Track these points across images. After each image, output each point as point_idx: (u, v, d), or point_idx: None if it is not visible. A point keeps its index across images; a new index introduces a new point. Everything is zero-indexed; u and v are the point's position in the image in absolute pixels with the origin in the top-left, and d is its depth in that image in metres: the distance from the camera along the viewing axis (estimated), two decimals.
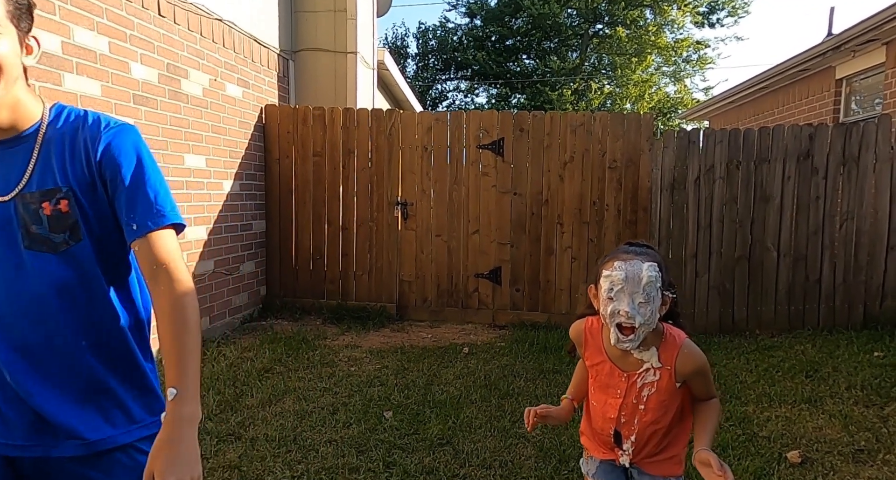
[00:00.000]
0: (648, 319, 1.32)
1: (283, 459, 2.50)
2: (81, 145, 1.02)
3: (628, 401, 1.44)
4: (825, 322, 4.73)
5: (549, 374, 3.71)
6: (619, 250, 1.40)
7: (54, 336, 1.00)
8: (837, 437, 2.81)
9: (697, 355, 1.42)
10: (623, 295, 1.32)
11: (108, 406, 1.05)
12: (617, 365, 1.45)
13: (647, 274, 1.31)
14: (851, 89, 6.40)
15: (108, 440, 1.04)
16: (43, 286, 0.99)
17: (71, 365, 1.02)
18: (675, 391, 1.42)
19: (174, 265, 1.02)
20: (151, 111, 3.71)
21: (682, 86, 21.03)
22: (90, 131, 1.03)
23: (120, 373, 1.06)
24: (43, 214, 0.98)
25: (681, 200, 4.76)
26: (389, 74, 8.12)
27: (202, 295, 4.36)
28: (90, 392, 1.03)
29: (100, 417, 1.04)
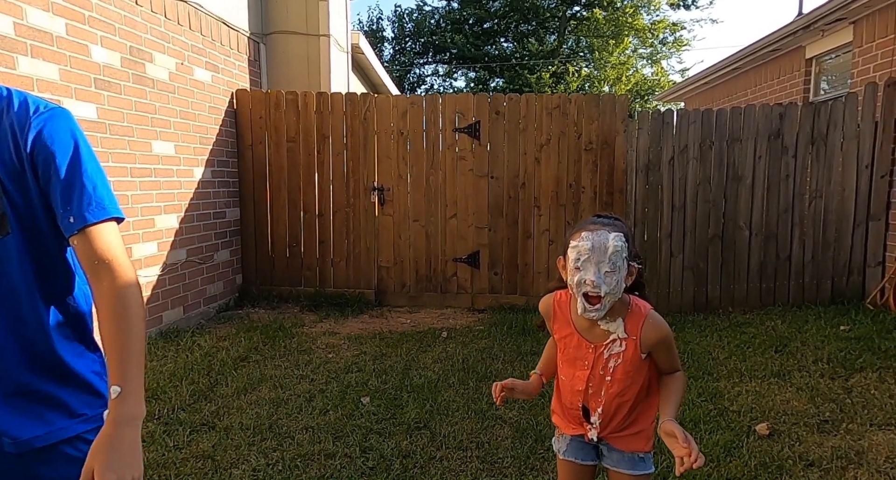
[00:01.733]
0: (614, 288, 1.35)
1: (258, 447, 2.48)
2: (8, 131, 0.94)
3: (595, 373, 1.46)
4: (795, 298, 4.84)
5: (528, 356, 3.74)
6: (587, 221, 1.42)
7: None
8: (804, 409, 2.90)
9: (662, 325, 1.44)
10: (590, 264, 1.34)
11: (39, 404, 1.00)
12: (584, 337, 1.47)
13: (614, 243, 1.33)
14: (821, 69, 6.48)
15: (43, 437, 0.99)
16: None
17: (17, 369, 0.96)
18: (640, 362, 1.45)
19: (116, 260, 0.98)
20: (115, 96, 3.59)
21: (659, 68, 21.13)
22: (17, 116, 0.96)
23: (49, 372, 1.01)
24: None
25: (655, 181, 4.80)
26: (365, 58, 7.99)
27: (174, 284, 4.29)
28: (17, 392, 0.98)
29: (30, 416, 0.99)
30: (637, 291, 1.50)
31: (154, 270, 4.05)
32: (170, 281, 4.23)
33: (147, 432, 2.57)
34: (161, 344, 3.80)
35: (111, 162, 3.57)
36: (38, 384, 1.00)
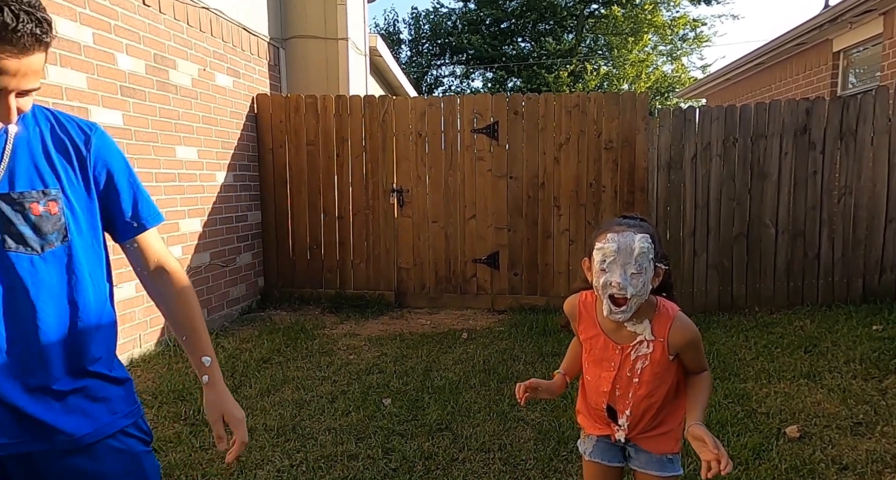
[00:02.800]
0: (640, 290, 1.33)
1: (281, 448, 2.51)
2: (69, 147, 1.04)
3: (622, 374, 1.44)
4: (824, 297, 4.72)
5: (549, 357, 3.71)
6: (613, 222, 1.40)
7: (35, 337, 1.00)
8: (836, 411, 2.82)
9: (690, 327, 1.42)
10: (615, 266, 1.32)
11: (90, 402, 1.06)
12: (611, 338, 1.45)
13: (640, 245, 1.31)
14: (849, 62, 6.31)
15: (94, 433, 1.05)
16: (25, 286, 0.98)
17: (52, 365, 1.02)
18: (668, 363, 1.42)
19: (171, 255, 1.19)
20: (139, 103, 3.67)
21: (679, 64, 20.83)
22: (73, 132, 1.06)
23: (100, 369, 1.08)
24: (31, 215, 0.97)
25: (678, 179, 4.72)
26: (382, 60, 8.03)
27: (199, 287, 4.35)
28: (72, 390, 1.04)
29: (82, 414, 1.05)
30: (664, 292, 1.48)
31: None
32: (194, 284, 4.25)
33: (174, 432, 2.61)
34: None
35: (137, 167, 3.65)
36: (91, 383, 1.07)
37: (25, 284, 0.98)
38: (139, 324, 3.69)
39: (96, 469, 1.05)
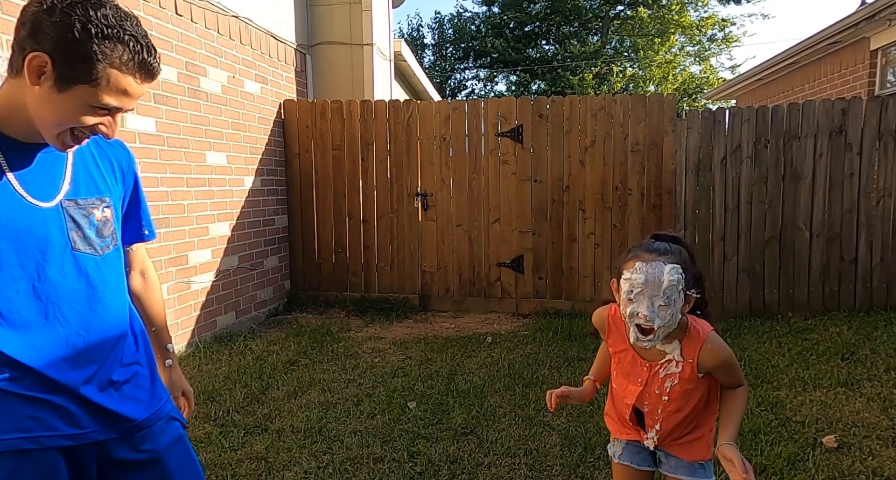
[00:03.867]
0: (668, 321, 1.30)
1: (308, 450, 2.53)
2: (114, 161, 1.19)
3: (650, 391, 1.42)
4: (862, 303, 4.56)
5: (574, 362, 3.67)
6: (642, 247, 1.36)
7: (100, 330, 1.10)
8: (876, 421, 2.72)
9: (720, 350, 1.37)
10: (643, 297, 1.29)
11: (138, 389, 1.17)
12: (640, 355, 1.43)
13: (669, 278, 1.27)
14: (887, 60, 6.11)
15: (150, 417, 1.17)
16: (91, 284, 1.09)
17: (114, 357, 1.12)
18: (698, 380, 1.40)
19: (150, 262, 1.38)
20: (172, 110, 3.76)
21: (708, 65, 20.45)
22: (113, 148, 1.20)
23: (144, 361, 1.21)
24: (93, 220, 1.09)
25: (706, 182, 4.63)
26: (407, 65, 8.09)
27: (227, 289, 4.44)
28: (125, 379, 1.14)
29: (137, 401, 1.15)
30: (698, 310, 1.43)
31: (208, 276, 4.21)
32: (223, 287, 4.38)
33: (204, 433, 2.66)
34: (215, 348, 3.93)
35: (168, 173, 3.74)
36: (138, 371, 1.18)
37: (94, 283, 1.09)
38: (170, 326, 3.74)
39: (155, 448, 1.15)
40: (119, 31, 0.95)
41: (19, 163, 1.02)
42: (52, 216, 1.03)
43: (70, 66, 0.93)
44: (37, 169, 1.04)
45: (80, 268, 1.07)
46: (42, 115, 0.97)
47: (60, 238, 1.04)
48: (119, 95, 0.98)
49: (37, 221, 1.02)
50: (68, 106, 0.96)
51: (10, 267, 0.99)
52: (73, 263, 1.06)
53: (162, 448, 1.16)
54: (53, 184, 1.05)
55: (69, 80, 0.94)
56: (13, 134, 1.01)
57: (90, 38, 0.93)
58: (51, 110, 0.96)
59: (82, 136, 1.03)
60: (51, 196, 1.04)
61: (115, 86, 0.97)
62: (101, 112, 0.99)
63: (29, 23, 0.94)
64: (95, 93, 0.96)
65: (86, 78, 0.94)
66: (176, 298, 3.83)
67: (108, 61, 0.95)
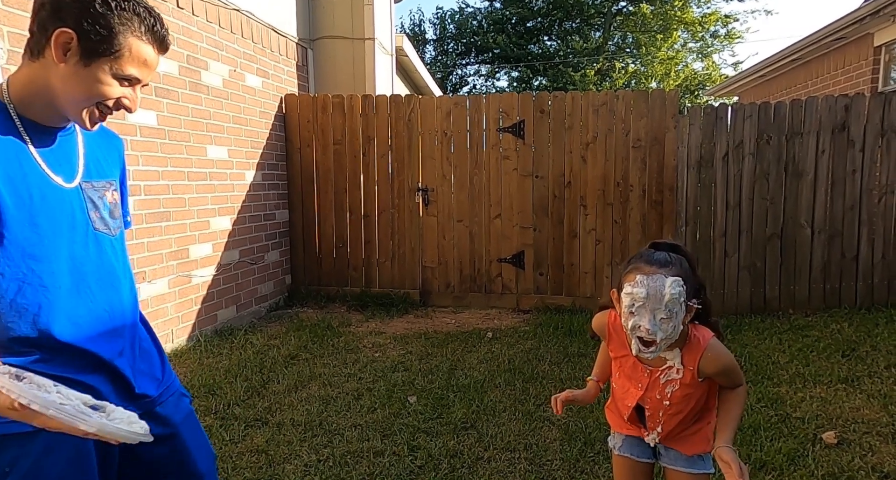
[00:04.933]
0: (671, 334, 1.30)
1: (308, 443, 2.53)
2: (113, 148, 1.23)
3: (651, 395, 1.43)
4: (863, 300, 4.56)
5: (574, 358, 3.67)
6: (643, 259, 1.34)
7: (120, 307, 1.16)
8: (876, 417, 2.72)
9: (721, 358, 1.38)
10: (644, 311, 1.28)
11: (154, 366, 1.23)
12: (640, 360, 1.44)
13: (671, 291, 1.26)
14: (891, 57, 6.09)
15: (163, 393, 1.22)
16: (109, 263, 1.14)
17: (130, 334, 1.18)
18: (698, 384, 1.42)
19: None
20: (173, 103, 3.75)
21: (710, 62, 20.37)
22: (108, 136, 1.24)
23: (148, 338, 1.26)
24: (106, 202, 1.15)
25: (708, 178, 4.62)
26: (408, 60, 8.06)
27: (228, 283, 4.44)
28: (139, 354, 1.20)
29: (153, 376, 1.21)
30: (698, 319, 1.42)
31: (209, 270, 4.21)
32: (224, 281, 4.38)
33: (205, 426, 2.64)
34: (216, 342, 3.94)
35: (170, 166, 3.74)
36: (148, 349, 1.23)
37: (112, 261, 1.14)
38: (171, 320, 3.77)
39: (173, 422, 1.20)
40: (134, 3, 1.02)
41: (43, 145, 1.06)
42: (75, 196, 1.08)
43: (94, 39, 0.99)
44: (58, 151, 1.08)
45: (100, 247, 1.12)
46: (69, 92, 1.01)
47: (83, 217, 1.09)
48: (140, 65, 1.04)
49: (64, 200, 1.06)
50: (95, 79, 1.01)
51: (51, 243, 1.03)
52: (95, 242, 1.11)
53: (178, 422, 1.21)
54: (72, 166, 1.10)
55: (94, 54, 1.00)
56: (34, 117, 1.05)
57: (110, 10, 0.99)
58: (79, 85, 1.01)
59: (107, 112, 1.07)
60: (71, 177, 1.09)
61: (137, 56, 1.03)
62: (125, 83, 1.05)
63: (49, 3, 0.99)
64: (119, 63, 1.02)
65: (109, 49, 1.00)
66: (177, 292, 3.83)
67: (129, 32, 1.01)
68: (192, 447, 1.22)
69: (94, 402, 0.94)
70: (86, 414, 0.85)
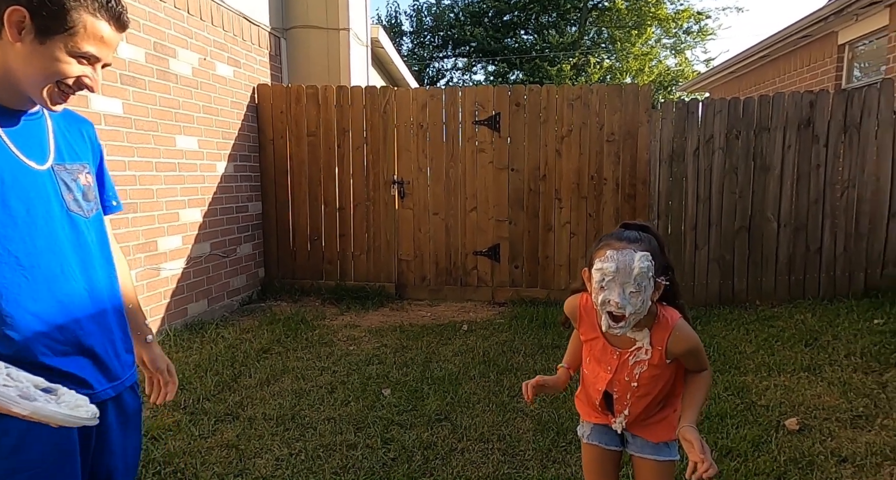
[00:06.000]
0: (639, 308, 1.33)
1: (280, 437, 2.51)
2: (83, 132, 1.23)
3: (620, 377, 1.46)
4: (826, 291, 4.71)
5: (549, 349, 3.71)
6: (613, 236, 1.38)
7: (98, 288, 1.16)
8: (836, 404, 2.81)
9: (688, 337, 1.42)
10: (614, 285, 1.31)
11: (123, 352, 1.22)
12: (610, 343, 1.46)
13: (639, 265, 1.30)
14: (854, 55, 6.26)
15: (129, 378, 1.23)
16: (86, 244, 1.14)
17: (107, 317, 1.18)
18: (666, 366, 1.44)
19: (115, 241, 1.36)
20: (139, 91, 3.65)
21: (683, 58, 20.69)
22: (78, 121, 1.24)
23: (126, 325, 1.26)
24: (80, 184, 1.15)
25: (680, 172, 4.70)
26: (384, 52, 7.98)
27: (199, 277, 4.35)
28: (117, 339, 1.20)
29: (121, 363, 1.21)
30: (666, 301, 1.46)
31: (179, 263, 4.12)
32: (194, 274, 4.29)
33: (173, 421, 2.62)
34: (186, 336, 3.86)
35: (136, 156, 3.63)
36: (121, 335, 1.23)
37: (87, 243, 1.14)
38: None
39: (132, 410, 1.24)
40: None
41: (10, 127, 1.06)
42: (48, 178, 1.09)
43: (47, 16, 0.98)
44: (26, 133, 1.08)
45: (76, 228, 1.12)
46: (28, 72, 1.01)
47: (56, 199, 1.10)
48: (97, 43, 1.04)
49: (37, 182, 1.07)
50: (52, 57, 1.01)
51: (25, 224, 1.03)
52: (70, 223, 1.11)
53: (134, 411, 1.25)
54: (43, 149, 1.10)
55: (49, 31, 0.99)
56: (0, 100, 1.05)
57: None
58: (36, 64, 1.01)
59: (68, 91, 1.06)
60: (43, 159, 1.09)
61: (93, 33, 1.03)
62: (83, 61, 1.04)
63: None
64: (75, 41, 1.01)
65: (63, 26, 1.00)
66: (145, 285, 3.74)
67: (81, 8, 1.01)
68: (134, 437, 1.26)
69: (46, 385, 0.94)
70: (24, 398, 0.85)
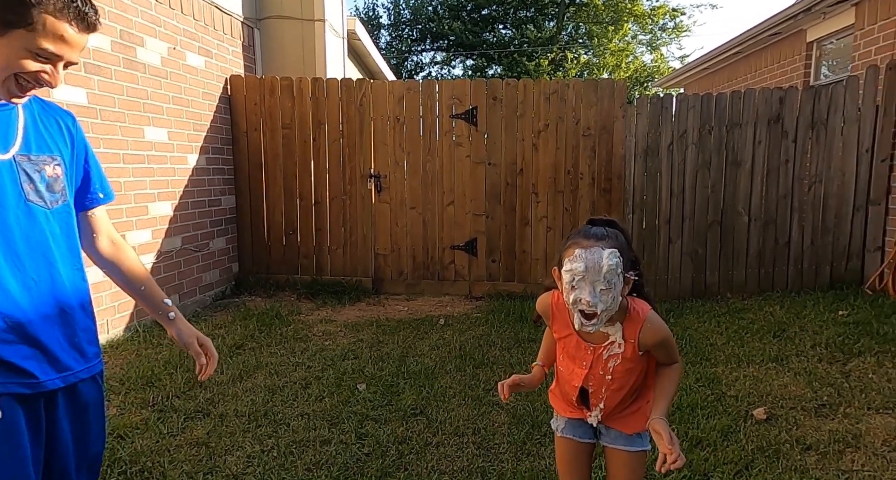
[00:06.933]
0: (610, 305, 1.34)
1: (252, 433, 2.47)
2: (62, 124, 1.23)
3: (595, 373, 1.47)
4: (793, 284, 4.83)
5: (525, 343, 3.72)
6: (580, 234, 1.39)
7: (55, 281, 1.16)
8: (801, 393, 2.89)
9: (659, 329, 1.43)
10: (584, 284, 1.32)
11: (87, 344, 1.24)
12: (584, 339, 1.47)
13: (608, 262, 1.31)
14: (822, 52, 6.41)
15: (86, 370, 1.23)
16: (43, 235, 1.14)
17: (68, 309, 1.18)
18: (639, 358, 1.46)
19: (115, 230, 1.39)
20: (105, 81, 3.54)
21: (659, 54, 20.95)
22: (57, 113, 1.25)
23: (91, 317, 1.27)
24: (45, 176, 1.15)
25: (654, 167, 4.75)
26: (361, 44, 7.89)
27: (170, 272, 4.26)
28: (78, 332, 1.21)
29: (83, 355, 1.22)
30: (636, 293, 1.47)
31: (149, 258, 4.02)
32: (165, 269, 4.20)
33: (141, 419, 2.56)
34: (156, 332, 3.78)
35: (102, 148, 3.53)
36: (86, 328, 1.24)
37: (45, 233, 1.14)
38: (107, 309, 3.59)
39: (88, 400, 1.24)
40: None
41: None
42: (7, 167, 1.09)
43: (7, 10, 1.00)
44: None
45: (33, 218, 1.12)
46: None
47: (14, 188, 1.10)
48: (56, 41, 1.04)
49: None
50: (9, 50, 1.02)
51: None
52: (27, 213, 1.11)
53: (90, 403, 1.25)
54: (6, 139, 1.10)
55: (7, 24, 1.01)
56: None
57: None
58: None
59: (28, 86, 1.07)
60: (4, 149, 1.09)
61: (52, 32, 1.03)
62: (42, 59, 1.04)
63: None
64: (33, 37, 1.02)
65: (22, 22, 1.00)
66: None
67: (42, 6, 1.01)
68: (93, 429, 1.26)
69: None
70: None
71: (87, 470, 1.26)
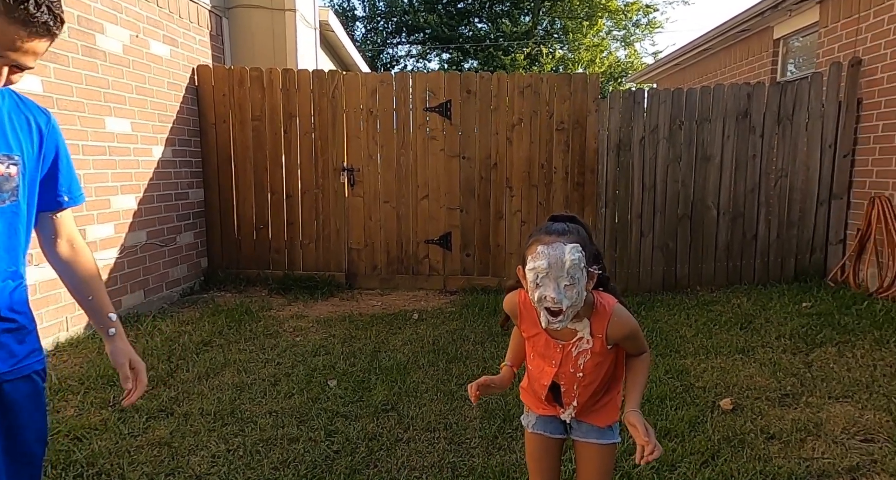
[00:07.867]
0: (575, 300, 1.33)
1: (218, 433, 2.41)
2: (34, 123, 1.20)
3: (565, 370, 1.47)
4: (760, 276, 4.93)
5: (498, 337, 3.72)
6: (542, 230, 1.38)
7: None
8: (766, 383, 2.95)
9: (626, 322, 1.44)
10: (548, 280, 1.31)
11: (16, 343, 1.20)
12: (552, 336, 1.47)
13: (570, 258, 1.30)
14: (788, 49, 6.54)
15: (12, 371, 1.20)
16: None
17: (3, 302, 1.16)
18: (607, 352, 1.46)
19: (79, 233, 1.37)
20: (62, 68, 3.39)
21: (633, 50, 21.17)
22: (32, 111, 1.22)
23: (25, 316, 1.23)
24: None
25: (626, 161, 4.79)
26: (335, 36, 7.76)
27: (135, 267, 4.14)
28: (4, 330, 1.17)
29: (10, 354, 1.19)
30: (601, 286, 1.47)
31: (111, 253, 3.89)
32: (129, 265, 4.07)
33: (100, 419, 2.47)
34: None
35: None
36: (19, 325, 1.21)
37: None
38: (66, 306, 3.46)
39: (14, 400, 1.19)
40: None
41: None
42: None
43: None
44: None
45: None
46: None
47: None
48: (7, 45, 1.00)
49: None
50: None
51: None
52: None
53: (18, 400, 1.20)
54: None
55: None
56: None
57: None
58: None
59: None
60: None
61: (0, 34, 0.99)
62: None
63: None
64: None
65: None
66: None
67: None
68: (25, 426, 1.22)
69: None
70: None
71: (23, 471, 1.23)
